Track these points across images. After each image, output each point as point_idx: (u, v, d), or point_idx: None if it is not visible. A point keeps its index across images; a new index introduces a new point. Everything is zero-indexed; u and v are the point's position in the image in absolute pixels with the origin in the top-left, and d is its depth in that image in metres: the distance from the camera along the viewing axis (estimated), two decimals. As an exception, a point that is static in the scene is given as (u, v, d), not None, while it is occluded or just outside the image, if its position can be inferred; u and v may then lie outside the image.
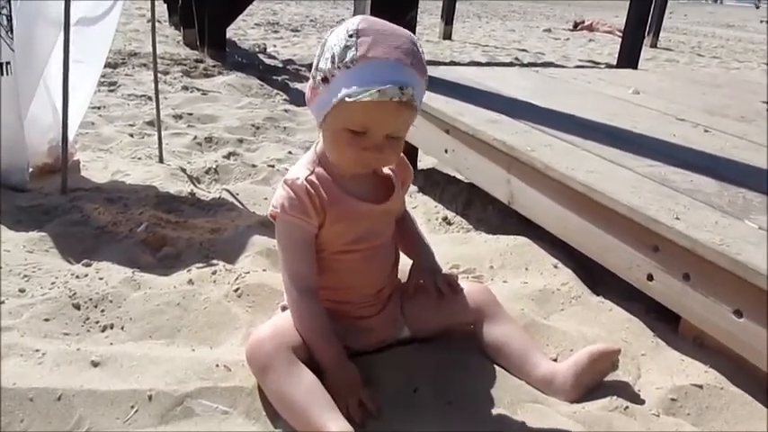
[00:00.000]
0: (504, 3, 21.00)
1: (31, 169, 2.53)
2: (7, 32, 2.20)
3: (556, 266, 1.79)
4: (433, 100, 2.36)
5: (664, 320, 1.55)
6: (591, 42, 10.55)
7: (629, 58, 6.04)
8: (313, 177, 1.28)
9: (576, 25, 12.62)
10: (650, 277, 1.47)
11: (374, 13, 2.63)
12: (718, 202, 1.56)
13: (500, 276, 1.79)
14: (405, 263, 1.51)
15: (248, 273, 1.73)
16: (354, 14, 2.89)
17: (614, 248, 1.56)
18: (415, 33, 2.83)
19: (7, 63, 2.22)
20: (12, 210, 2.08)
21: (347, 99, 1.13)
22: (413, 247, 1.53)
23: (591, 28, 12.36)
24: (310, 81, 1.25)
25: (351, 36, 1.16)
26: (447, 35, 9.85)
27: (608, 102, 2.69)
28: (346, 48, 1.15)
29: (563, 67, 6.95)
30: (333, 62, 1.17)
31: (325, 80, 1.19)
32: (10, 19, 2.19)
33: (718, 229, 1.39)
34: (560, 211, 1.72)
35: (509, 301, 1.62)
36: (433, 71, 3.30)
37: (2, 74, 2.22)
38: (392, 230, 1.44)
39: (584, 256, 1.70)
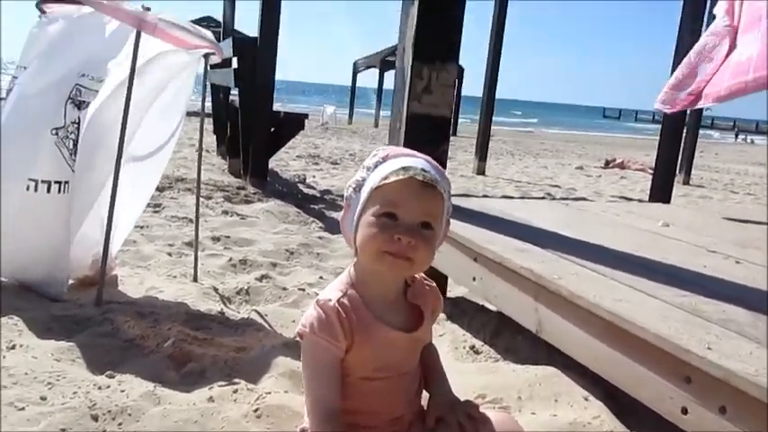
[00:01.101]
0: (537, 141, 21.72)
1: (72, 281, 2.63)
2: (71, 155, 2.37)
3: (586, 398, 1.72)
4: (461, 228, 2.40)
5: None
6: (623, 179, 10.72)
7: (661, 194, 6.11)
8: (345, 300, 1.28)
9: (607, 163, 12.89)
10: (684, 410, 1.41)
11: (407, 145, 2.76)
12: (752, 333, 1.51)
13: (528, 408, 1.73)
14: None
15: (269, 393, 1.71)
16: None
17: (645, 380, 1.51)
18: (445, 167, 2.95)
19: (66, 182, 2.38)
20: (45, 318, 2.14)
21: (375, 186, 1.21)
22: (431, 379, 1.48)
23: (622, 166, 12.61)
24: (344, 204, 1.32)
25: (378, 151, 1.30)
26: (481, 171, 10.15)
27: (637, 234, 2.70)
28: (374, 156, 1.28)
29: (593, 201, 7.05)
30: (363, 170, 1.28)
31: (356, 189, 1.28)
32: (76, 143, 2.37)
33: (753, 359, 1.35)
34: (589, 340, 1.69)
35: (538, 434, 1.56)
36: (464, 202, 3.40)
37: (59, 191, 2.38)
38: (417, 361, 1.42)
39: (616, 387, 1.64)
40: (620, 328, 1.57)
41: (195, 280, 3.01)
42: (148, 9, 2.28)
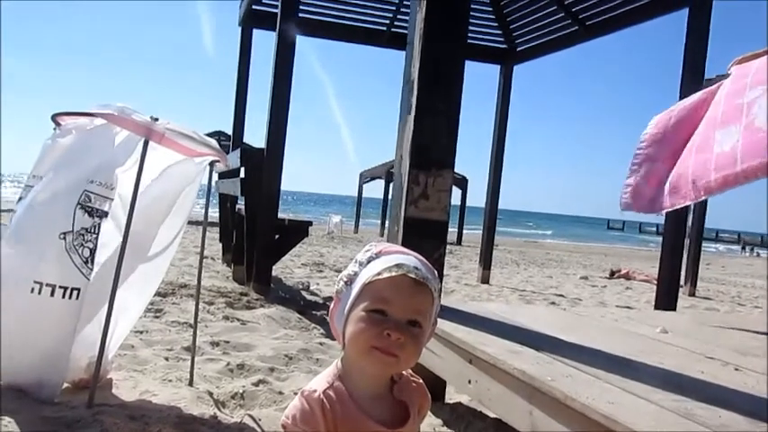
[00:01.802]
0: (542, 252, 21.82)
1: (67, 384, 2.60)
2: (86, 263, 2.43)
3: (584, 507, 1.66)
4: (457, 330, 2.41)
5: None
6: (628, 290, 10.67)
7: (665, 303, 6.09)
8: (331, 392, 1.27)
9: (612, 273, 12.87)
10: None
11: (404, 246, 2.81)
12: (748, 440, 1.48)
13: None
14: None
15: (257, 498, 1.66)
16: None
17: (641, 486, 1.47)
18: (443, 271, 2.97)
19: (75, 289, 2.41)
20: (35, 420, 2.11)
21: (367, 281, 1.22)
22: None
23: (628, 276, 12.58)
24: (334, 297, 1.35)
25: (371, 246, 1.32)
26: (485, 279, 10.15)
27: (634, 339, 2.68)
28: (366, 252, 1.30)
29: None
30: (355, 265, 1.30)
31: (348, 282, 1.29)
32: (93, 251, 2.43)
33: (748, 466, 1.32)
34: (583, 444, 1.65)
35: None
36: (462, 306, 3.40)
37: (64, 296, 2.41)
38: None
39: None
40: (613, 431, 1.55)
41: (191, 384, 2.97)
42: (156, 119, 2.41)
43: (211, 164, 2.87)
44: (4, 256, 2.35)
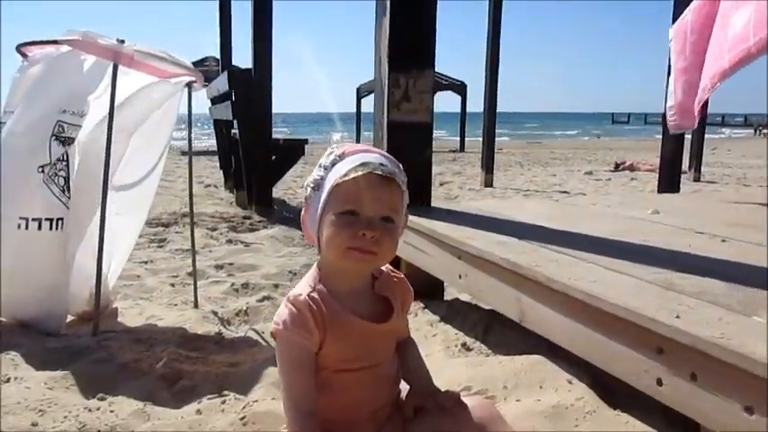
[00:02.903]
0: (546, 151, 21.66)
1: (72, 317, 2.67)
2: (63, 191, 2.43)
3: (570, 382, 1.72)
4: (446, 228, 2.42)
5: (684, 430, 1.45)
6: (633, 181, 10.65)
7: (667, 188, 6.10)
8: (315, 294, 1.31)
9: (617, 166, 12.81)
10: (659, 382, 1.40)
11: (390, 151, 2.79)
12: (725, 302, 1.51)
13: (513, 396, 1.73)
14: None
15: (257, 401, 1.73)
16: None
17: (620, 355, 1.51)
18: (431, 174, 2.96)
19: (59, 219, 2.43)
20: (42, 351, 2.18)
21: (335, 184, 1.24)
22: (409, 370, 1.49)
23: (632, 167, 12.52)
24: (304, 204, 1.35)
25: (332, 148, 1.33)
26: (488, 183, 10.14)
27: (624, 221, 2.69)
28: (329, 153, 1.32)
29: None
30: (320, 169, 1.31)
31: (315, 187, 1.31)
32: (67, 180, 2.43)
33: (722, 325, 1.34)
34: (567, 323, 1.69)
35: (521, 420, 1.56)
36: (451, 206, 3.42)
37: (51, 228, 2.43)
38: (392, 352, 1.44)
39: (600, 368, 1.63)
40: (594, 307, 1.58)
41: (196, 306, 3.04)
42: (123, 41, 2.35)
43: (189, 85, 2.81)
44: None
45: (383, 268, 1.46)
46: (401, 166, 1.34)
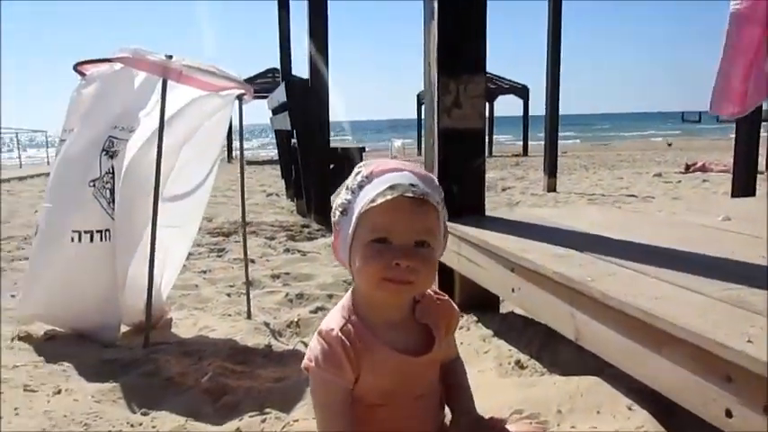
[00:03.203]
0: (613, 153, 21.02)
1: (128, 327, 2.71)
2: (109, 203, 2.48)
3: (630, 408, 1.59)
4: (500, 240, 2.32)
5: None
6: (705, 183, 10.16)
7: (742, 191, 5.74)
8: (349, 327, 1.21)
9: (688, 167, 12.26)
10: (728, 413, 1.26)
11: (442, 162, 2.72)
12: (804, 324, 1.35)
13: (568, 421, 1.62)
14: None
15: (297, 421, 1.68)
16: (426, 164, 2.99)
17: (686, 382, 1.37)
18: (484, 181, 2.86)
19: (106, 230, 2.48)
20: (94, 363, 2.21)
21: (363, 210, 1.14)
22: (453, 396, 1.39)
23: (704, 168, 11.96)
24: (333, 229, 1.25)
25: (360, 167, 1.23)
26: (551, 187, 9.89)
27: (692, 230, 2.52)
28: (356, 174, 1.22)
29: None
30: (347, 192, 1.21)
31: (343, 212, 1.21)
32: (113, 192, 2.48)
33: (800, 351, 1.20)
34: (624, 342, 1.57)
35: (575, 448, 1.45)
36: (506, 215, 3.30)
37: (101, 239, 2.48)
38: (435, 382, 1.33)
39: (663, 395, 1.50)
40: (654, 327, 1.45)
41: (249, 317, 3.04)
42: (170, 57, 2.37)
43: (240, 98, 2.82)
44: (46, 212, 2.43)
45: (426, 291, 1.36)
46: (435, 180, 1.24)
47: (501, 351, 2.23)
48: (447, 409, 1.39)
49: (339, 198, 1.23)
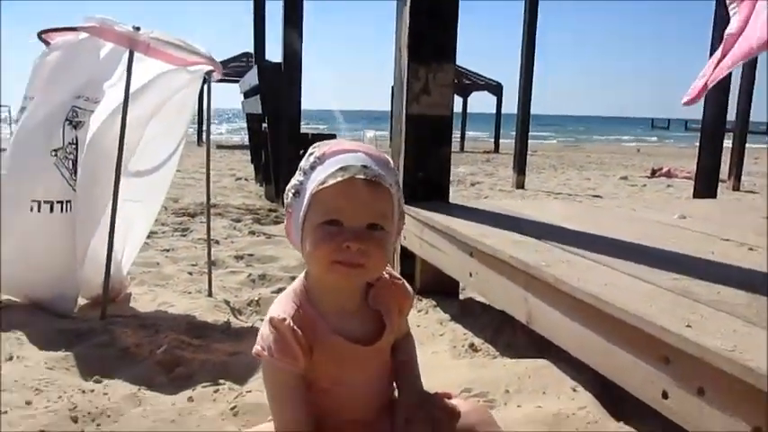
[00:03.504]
0: (582, 154, 21.30)
1: (86, 300, 2.68)
2: (71, 174, 2.44)
3: (575, 389, 1.65)
4: (461, 225, 2.36)
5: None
6: (669, 188, 10.37)
7: (703, 194, 5.90)
8: (300, 314, 1.20)
9: (653, 172, 12.50)
10: (665, 394, 1.32)
11: (408, 147, 2.74)
12: (743, 312, 1.41)
13: (514, 401, 1.66)
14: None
15: (250, 392, 1.69)
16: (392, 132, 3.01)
17: (628, 365, 1.42)
18: (449, 170, 2.88)
19: (67, 201, 2.45)
20: (48, 332, 2.19)
21: (314, 191, 1.12)
22: (401, 373, 1.38)
23: (669, 174, 12.21)
24: (285, 211, 1.23)
25: (313, 148, 1.21)
26: (520, 185, 10.00)
27: (647, 225, 2.59)
28: (309, 155, 1.19)
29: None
30: (300, 173, 1.19)
31: (296, 194, 1.19)
32: (75, 163, 2.44)
33: (736, 336, 1.25)
34: (574, 327, 1.61)
35: (519, 426, 1.50)
36: (471, 203, 3.35)
37: (62, 210, 2.44)
38: (386, 365, 1.33)
39: (608, 378, 1.55)
40: (604, 313, 1.49)
41: (210, 295, 3.03)
42: (138, 29, 2.34)
43: (209, 74, 2.79)
44: (4, 180, 2.39)
45: (383, 273, 1.36)
46: (391, 162, 1.22)
47: (456, 334, 2.26)
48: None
49: (292, 180, 1.21)
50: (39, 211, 2.37)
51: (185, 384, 1.82)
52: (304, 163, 1.19)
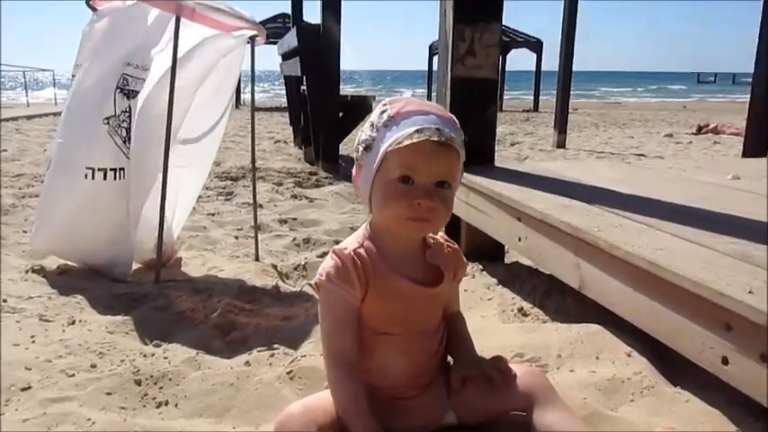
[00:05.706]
0: (624, 112, 20.75)
1: (139, 264, 2.76)
2: (124, 142, 2.49)
3: (629, 354, 1.63)
4: (508, 189, 2.34)
5: (750, 413, 1.35)
6: (716, 145, 10.05)
7: (753, 152, 5.69)
8: (361, 250, 1.28)
9: (699, 129, 12.12)
10: (725, 360, 1.30)
11: (453, 110, 2.70)
12: (806, 278, 1.38)
13: (567, 366, 1.66)
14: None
15: (305, 356, 1.73)
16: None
17: (685, 330, 1.41)
18: (495, 131, 2.85)
19: (121, 169, 2.50)
20: (106, 297, 2.26)
21: (389, 150, 1.19)
22: (456, 344, 1.44)
23: (716, 131, 11.82)
24: (355, 163, 1.30)
25: (385, 104, 1.27)
26: (560, 144, 9.82)
27: (699, 187, 2.52)
28: (382, 113, 1.26)
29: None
30: (371, 129, 1.26)
31: (367, 148, 1.26)
32: (128, 131, 2.49)
33: (800, 303, 1.22)
34: (628, 292, 1.60)
35: (572, 391, 1.49)
36: (516, 166, 3.30)
37: (115, 178, 2.50)
38: (438, 320, 1.40)
39: (662, 343, 1.54)
40: (660, 278, 1.47)
41: (257, 259, 3.08)
42: (185, -6, 2.34)
43: (252, 39, 2.79)
44: (59, 147, 2.45)
45: (438, 236, 1.41)
46: (458, 122, 1.27)
47: (504, 299, 2.26)
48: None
49: (363, 134, 1.28)
50: (93, 178, 2.43)
51: (241, 348, 1.87)
52: (376, 120, 1.25)
